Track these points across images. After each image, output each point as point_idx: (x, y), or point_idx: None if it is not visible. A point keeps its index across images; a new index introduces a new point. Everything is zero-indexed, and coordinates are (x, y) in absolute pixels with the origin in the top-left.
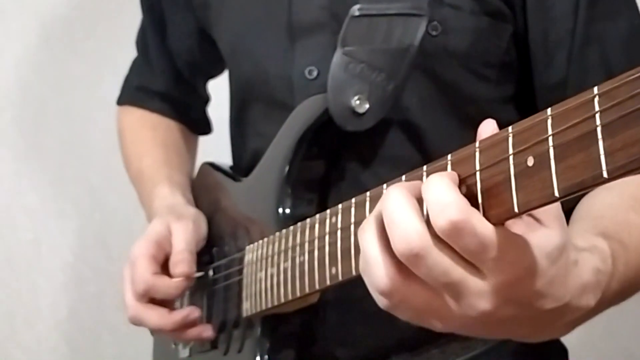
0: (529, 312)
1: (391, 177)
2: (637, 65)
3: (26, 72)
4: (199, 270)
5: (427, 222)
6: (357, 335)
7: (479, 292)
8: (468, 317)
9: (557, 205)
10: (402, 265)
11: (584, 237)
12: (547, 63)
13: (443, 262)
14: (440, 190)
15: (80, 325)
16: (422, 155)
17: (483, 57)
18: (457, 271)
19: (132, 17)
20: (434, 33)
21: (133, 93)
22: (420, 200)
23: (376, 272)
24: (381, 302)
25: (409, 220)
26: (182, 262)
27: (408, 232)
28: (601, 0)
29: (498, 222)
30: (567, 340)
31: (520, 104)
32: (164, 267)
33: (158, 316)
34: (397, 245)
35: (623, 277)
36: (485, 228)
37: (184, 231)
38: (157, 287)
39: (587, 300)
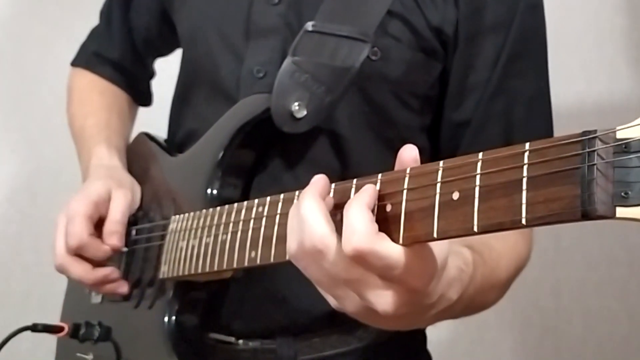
0: (418, 309)
1: (309, 180)
2: (533, 122)
3: None
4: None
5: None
6: (252, 312)
7: (381, 294)
8: (366, 308)
9: None
10: None
11: (452, 245)
12: (458, 104)
13: (343, 261)
14: (354, 215)
15: None
16: (341, 164)
17: (411, 87)
18: (360, 273)
19: None
20: (373, 58)
21: (89, 57)
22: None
23: (290, 237)
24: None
25: (316, 222)
26: (116, 235)
27: (314, 231)
28: (518, 60)
29: (413, 242)
30: None
31: (431, 133)
32: (97, 227)
33: (82, 270)
34: (305, 239)
35: (479, 285)
36: (390, 252)
37: (123, 200)
38: (88, 248)
39: (452, 294)
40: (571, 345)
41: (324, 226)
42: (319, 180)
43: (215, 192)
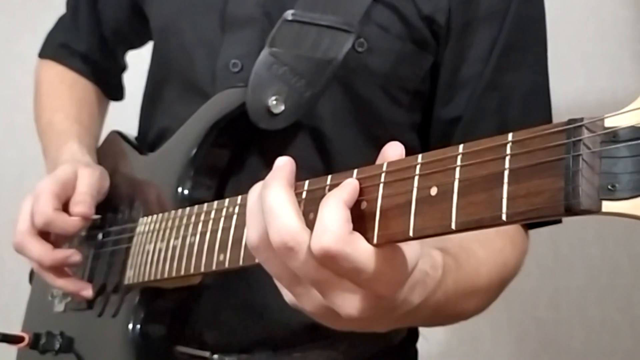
0: (383, 312)
1: None
2: (530, 119)
3: None
4: (89, 235)
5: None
6: (227, 323)
7: (347, 297)
8: (326, 308)
9: None
10: None
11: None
12: (449, 99)
13: (314, 261)
14: (328, 212)
15: None
16: (324, 163)
17: (401, 81)
18: (329, 274)
19: None
20: (359, 49)
21: (56, 49)
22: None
23: (250, 227)
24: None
25: (287, 215)
26: (83, 203)
27: (283, 225)
28: (513, 52)
29: (388, 242)
30: None
31: (422, 132)
32: (64, 208)
33: (41, 249)
34: (272, 235)
35: (451, 291)
36: (361, 255)
37: (89, 176)
38: (56, 222)
39: (413, 297)
40: (571, 359)
41: (296, 221)
42: (285, 165)
43: (186, 192)
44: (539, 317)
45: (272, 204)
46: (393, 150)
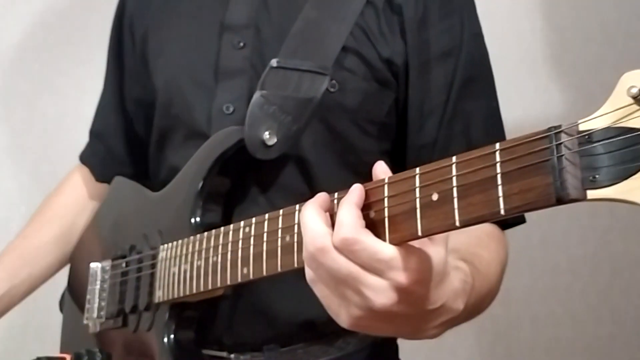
0: (416, 311)
1: (281, 203)
2: (491, 138)
3: None
4: (113, 264)
5: None
6: (241, 327)
7: (378, 288)
8: (367, 309)
9: None
10: None
11: (451, 260)
12: (420, 126)
13: (343, 257)
14: (342, 212)
15: None
16: (309, 187)
17: (368, 115)
18: (355, 267)
19: (75, 47)
20: (332, 90)
21: (85, 148)
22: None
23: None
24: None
25: (316, 225)
26: None
27: (314, 232)
28: (470, 82)
29: (400, 242)
30: None
31: (394, 158)
32: None
33: None
34: (306, 244)
35: (478, 292)
36: (374, 242)
37: None
38: None
39: (458, 304)
40: (521, 348)
41: (322, 227)
42: (320, 195)
43: (198, 219)
44: (493, 314)
45: (303, 219)
46: (380, 169)
